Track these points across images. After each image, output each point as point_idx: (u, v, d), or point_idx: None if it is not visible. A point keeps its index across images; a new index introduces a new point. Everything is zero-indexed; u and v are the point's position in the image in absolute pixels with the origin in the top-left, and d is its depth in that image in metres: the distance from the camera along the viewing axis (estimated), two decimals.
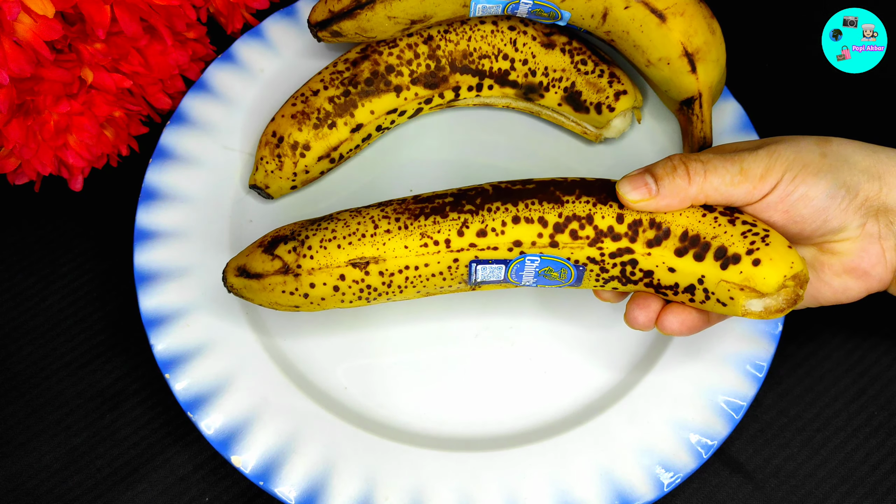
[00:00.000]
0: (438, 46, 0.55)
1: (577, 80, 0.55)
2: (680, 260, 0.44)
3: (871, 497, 0.51)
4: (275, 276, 0.47)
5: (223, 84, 0.58)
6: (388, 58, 0.54)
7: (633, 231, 0.45)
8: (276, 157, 0.53)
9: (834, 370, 0.55)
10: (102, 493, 0.51)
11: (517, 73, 0.55)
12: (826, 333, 0.56)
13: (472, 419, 0.51)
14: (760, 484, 0.52)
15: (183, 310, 0.52)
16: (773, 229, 0.44)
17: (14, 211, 0.59)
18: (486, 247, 0.46)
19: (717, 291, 0.44)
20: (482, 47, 0.55)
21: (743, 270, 0.43)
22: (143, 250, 0.53)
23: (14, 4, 0.44)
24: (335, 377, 0.52)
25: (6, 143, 0.50)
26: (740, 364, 0.51)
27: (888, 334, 0.56)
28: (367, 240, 0.46)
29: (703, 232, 0.44)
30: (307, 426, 0.50)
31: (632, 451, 0.49)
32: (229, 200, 0.56)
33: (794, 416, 0.54)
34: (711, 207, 0.45)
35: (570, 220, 0.45)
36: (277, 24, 0.60)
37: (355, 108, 0.54)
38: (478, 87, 0.56)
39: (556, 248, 0.45)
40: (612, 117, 0.55)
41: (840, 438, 0.53)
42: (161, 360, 0.50)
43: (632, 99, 0.55)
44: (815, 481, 0.52)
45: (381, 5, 0.52)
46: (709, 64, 0.52)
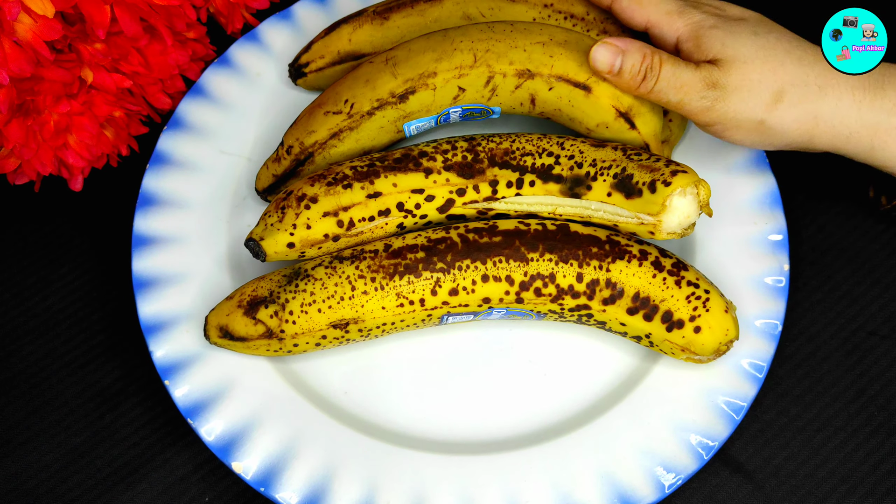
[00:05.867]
0: (479, 144, 0.51)
1: (629, 165, 0.49)
2: (631, 318, 0.49)
3: (871, 497, 0.51)
4: (259, 340, 0.49)
5: (219, 88, 0.58)
6: (423, 146, 0.52)
7: (590, 290, 0.49)
8: (280, 209, 0.50)
9: (834, 371, 0.55)
10: (102, 492, 0.51)
11: (562, 167, 0.50)
12: (826, 334, 0.56)
13: (473, 422, 0.51)
14: (760, 484, 0.52)
15: (182, 315, 0.52)
16: (713, 291, 0.49)
17: (14, 211, 0.59)
18: (457, 304, 0.49)
19: (660, 346, 0.50)
20: (526, 147, 0.51)
21: (685, 335, 0.49)
22: (142, 256, 0.53)
23: (14, 4, 0.44)
24: (335, 382, 0.52)
25: (6, 143, 0.49)
26: (740, 365, 0.51)
27: (888, 334, 0.56)
28: (346, 302, 0.48)
29: (653, 294, 0.49)
30: (307, 431, 0.50)
31: (632, 453, 0.49)
32: (227, 205, 0.55)
33: (794, 416, 0.54)
34: (661, 266, 0.49)
35: (535, 279, 0.49)
36: (273, 27, 0.60)
37: (377, 177, 0.50)
38: (518, 184, 0.51)
39: (522, 303, 0.49)
40: (667, 194, 0.48)
41: (840, 438, 0.53)
42: (160, 367, 0.50)
43: (692, 177, 0.48)
44: (815, 481, 0.52)
45: (320, 156, 0.53)
46: (645, 116, 0.52)
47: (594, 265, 0.49)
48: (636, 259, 0.49)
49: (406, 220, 0.51)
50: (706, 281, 0.50)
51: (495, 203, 0.51)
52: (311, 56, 0.57)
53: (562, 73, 0.51)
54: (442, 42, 0.52)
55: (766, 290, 0.53)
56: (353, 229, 0.50)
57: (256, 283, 0.50)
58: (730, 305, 0.49)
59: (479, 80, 0.51)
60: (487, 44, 0.51)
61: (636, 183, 0.49)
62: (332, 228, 0.50)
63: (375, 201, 0.50)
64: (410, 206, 0.50)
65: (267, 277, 0.50)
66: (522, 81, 0.51)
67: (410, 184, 0.50)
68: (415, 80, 0.51)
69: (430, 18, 0.56)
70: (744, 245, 0.54)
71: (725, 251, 0.54)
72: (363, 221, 0.50)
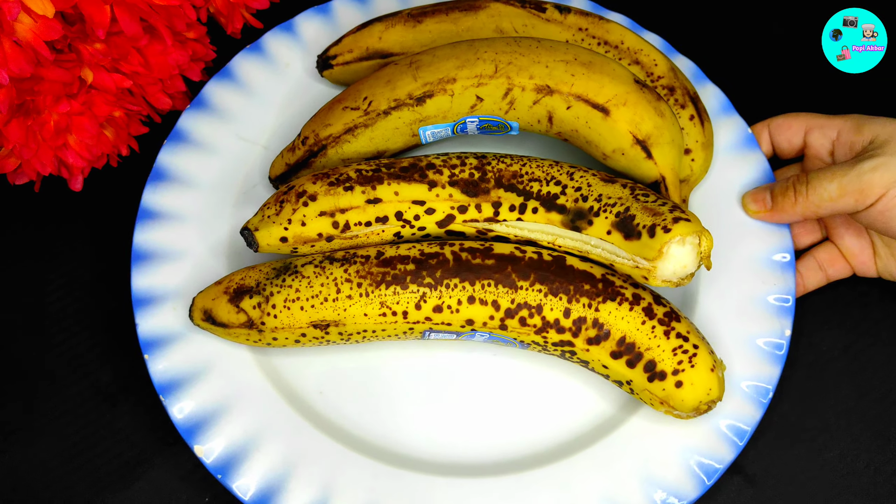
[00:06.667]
0: (489, 163, 0.51)
1: (633, 205, 0.48)
2: (614, 361, 0.48)
3: (873, 501, 0.51)
4: (240, 328, 0.49)
5: (247, 74, 0.58)
6: (432, 158, 0.51)
7: (576, 327, 0.48)
8: (279, 202, 0.50)
9: (835, 375, 0.54)
10: (102, 491, 0.51)
11: (567, 198, 0.49)
12: (827, 338, 0.55)
13: (438, 442, 0.51)
14: (761, 488, 0.52)
15: (171, 293, 0.52)
16: (702, 347, 0.47)
17: (14, 211, 0.59)
18: (440, 321, 0.48)
19: (640, 394, 0.48)
20: (535, 173, 0.50)
21: (666, 388, 0.47)
22: (144, 229, 0.53)
23: (14, 4, 0.43)
24: (311, 380, 0.52)
25: (6, 143, 0.50)
26: (719, 426, 0.49)
27: (889, 339, 0.55)
28: (329, 304, 0.48)
29: (639, 342, 0.47)
30: (274, 425, 0.50)
31: (594, 500, 0.48)
32: (236, 190, 0.56)
33: (794, 421, 0.53)
34: (652, 314, 0.48)
35: (521, 308, 0.48)
36: (310, 20, 0.60)
37: (380, 182, 0.50)
38: (521, 208, 0.50)
39: (505, 330, 0.49)
40: (665, 241, 0.46)
41: (841, 442, 0.53)
42: (143, 340, 0.50)
43: (693, 226, 0.46)
44: (815, 485, 0.52)
45: (333, 150, 0.53)
46: (664, 147, 0.50)
47: (584, 302, 0.48)
48: (627, 302, 0.48)
49: (404, 229, 0.50)
50: (697, 335, 0.48)
51: (495, 225, 0.50)
52: (339, 49, 0.57)
53: (581, 92, 0.50)
54: (466, 51, 0.51)
55: (762, 353, 0.51)
56: (348, 232, 0.50)
57: (246, 272, 0.50)
58: (718, 364, 0.47)
59: (497, 91, 0.51)
60: (511, 56, 0.50)
61: (637, 225, 0.47)
62: (327, 229, 0.49)
63: (374, 207, 0.49)
64: (409, 217, 0.50)
65: (257, 268, 0.50)
66: (541, 97, 0.50)
67: (412, 194, 0.50)
68: (434, 84, 0.51)
69: (463, 27, 0.56)
70: (747, 303, 0.52)
71: (728, 306, 0.52)
72: (359, 226, 0.49)
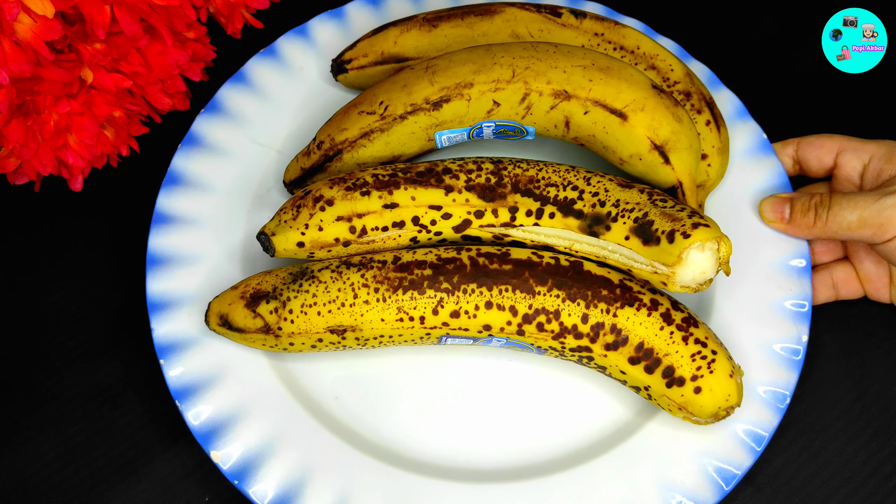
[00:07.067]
0: (505, 168, 0.51)
1: (651, 210, 0.48)
2: (632, 367, 0.48)
3: (871, 500, 0.51)
4: (256, 333, 0.49)
5: (262, 78, 0.58)
6: (448, 163, 0.51)
7: (594, 332, 0.48)
8: (296, 207, 0.50)
9: (834, 374, 0.54)
10: (101, 490, 0.51)
11: (584, 203, 0.49)
12: (826, 337, 0.55)
13: (455, 448, 0.50)
14: (760, 486, 0.51)
15: (187, 298, 0.52)
16: (721, 353, 0.47)
17: (14, 211, 0.59)
18: (457, 327, 0.48)
19: (658, 400, 0.48)
20: (552, 178, 0.50)
21: (684, 394, 0.47)
22: (159, 234, 0.53)
23: (14, 4, 0.43)
24: (327, 385, 0.52)
25: (6, 143, 0.49)
26: (737, 432, 0.49)
27: (887, 337, 0.55)
28: (346, 309, 0.48)
29: (658, 347, 0.47)
30: (291, 431, 0.49)
31: (654, 483, 0.48)
32: (250, 195, 0.56)
33: (793, 420, 0.53)
34: (670, 319, 0.47)
35: (539, 313, 0.48)
36: (324, 24, 0.60)
37: (397, 188, 0.49)
38: (538, 214, 0.49)
39: (523, 335, 0.49)
40: (685, 246, 0.46)
41: (840, 441, 0.53)
42: (159, 345, 0.50)
43: (713, 232, 0.46)
44: (815, 484, 0.51)
45: (349, 154, 0.53)
46: (682, 152, 0.50)
47: (602, 308, 0.48)
48: (646, 308, 0.48)
49: (420, 234, 0.50)
50: (715, 341, 0.48)
51: (512, 230, 0.50)
52: (354, 53, 0.57)
53: (599, 97, 0.50)
54: (483, 56, 0.51)
55: (779, 359, 0.51)
56: (365, 237, 0.49)
57: (262, 277, 0.50)
58: (736, 370, 0.47)
59: (514, 96, 0.51)
60: (528, 62, 0.50)
61: (655, 230, 0.47)
62: (344, 233, 0.49)
63: (391, 212, 0.49)
64: (426, 222, 0.50)
65: (273, 273, 0.50)
66: (558, 102, 0.50)
67: (429, 199, 0.50)
68: (450, 88, 0.51)
69: (478, 32, 0.55)
70: (764, 308, 0.52)
71: (745, 312, 0.52)
72: (376, 230, 0.49)
